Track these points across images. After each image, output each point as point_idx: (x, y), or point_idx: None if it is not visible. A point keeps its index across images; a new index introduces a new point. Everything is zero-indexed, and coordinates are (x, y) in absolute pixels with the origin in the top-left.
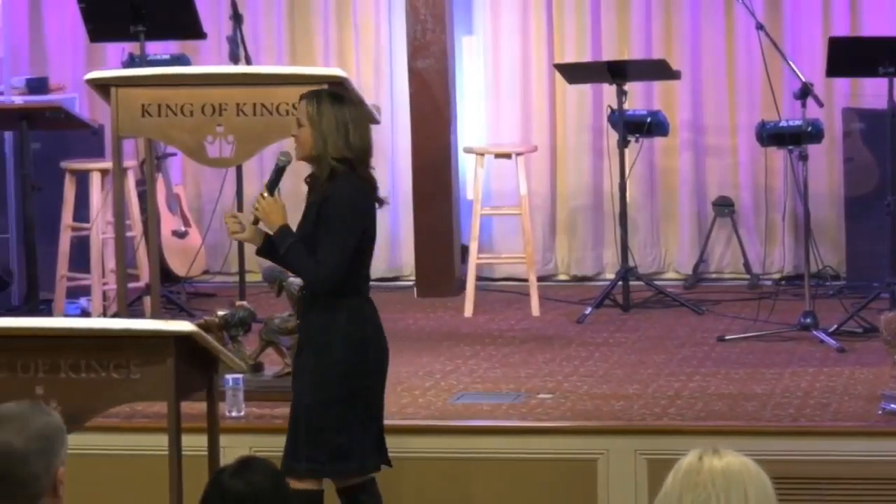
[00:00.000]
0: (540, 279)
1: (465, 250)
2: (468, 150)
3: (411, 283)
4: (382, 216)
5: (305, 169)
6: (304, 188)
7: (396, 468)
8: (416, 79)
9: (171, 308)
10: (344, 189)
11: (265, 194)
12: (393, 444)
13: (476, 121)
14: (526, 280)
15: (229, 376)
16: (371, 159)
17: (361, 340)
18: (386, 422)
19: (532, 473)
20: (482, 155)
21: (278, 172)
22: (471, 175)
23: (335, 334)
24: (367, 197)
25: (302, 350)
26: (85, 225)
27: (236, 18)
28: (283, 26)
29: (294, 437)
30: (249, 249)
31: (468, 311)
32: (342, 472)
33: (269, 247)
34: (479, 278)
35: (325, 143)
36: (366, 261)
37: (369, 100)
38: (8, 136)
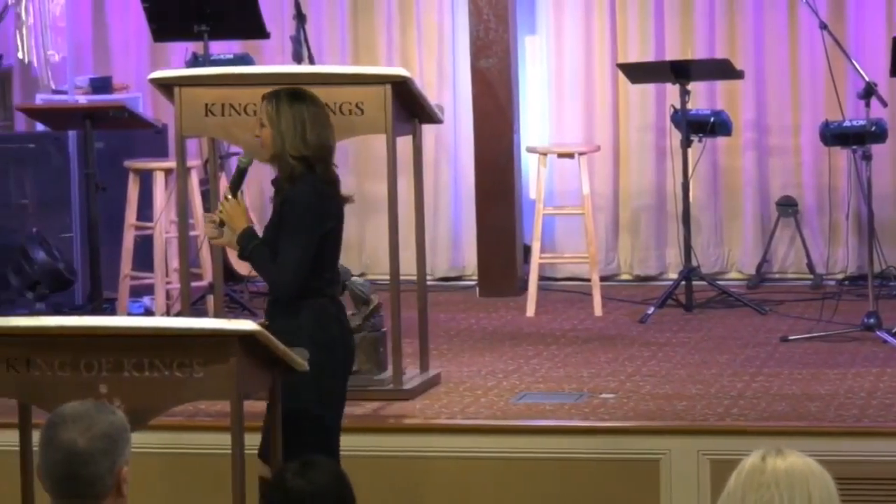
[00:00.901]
0: (602, 279)
1: (527, 250)
2: (531, 150)
3: (473, 282)
4: (445, 216)
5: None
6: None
7: (460, 468)
8: (479, 78)
9: (234, 307)
10: (302, 191)
11: (229, 197)
12: (456, 444)
13: (539, 120)
14: (588, 280)
15: None
16: (333, 158)
17: (328, 340)
18: (448, 421)
19: (594, 473)
20: (545, 154)
21: (240, 174)
22: (533, 175)
23: (300, 336)
24: (326, 198)
25: None
26: (148, 224)
27: (300, 18)
28: (346, 26)
29: (268, 440)
30: None
31: (530, 310)
32: None
33: None
34: (541, 278)
35: (283, 142)
36: (330, 261)
37: (432, 99)
38: (72, 135)
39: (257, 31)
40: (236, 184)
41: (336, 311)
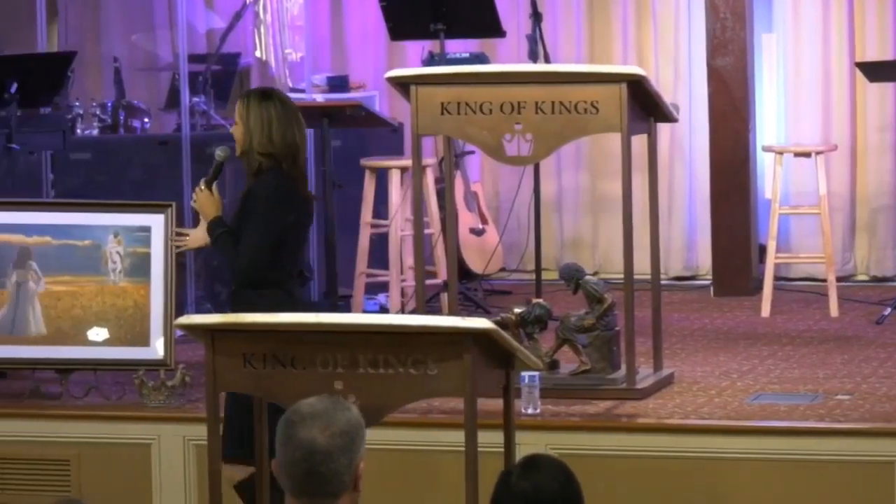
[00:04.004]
0: (839, 279)
1: (762, 250)
2: (767, 149)
3: (708, 282)
4: (679, 215)
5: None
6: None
7: (693, 468)
8: (715, 77)
9: (468, 305)
10: (265, 184)
11: (202, 188)
12: (689, 443)
13: (775, 119)
14: (824, 280)
15: (525, 373)
16: (302, 156)
17: None
18: (682, 421)
19: (829, 475)
20: (781, 154)
21: (217, 167)
22: (769, 174)
23: None
24: (288, 193)
25: None
26: (384, 222)
27: (536, 17)
28: (581, 24)
29: (227, 427)
30: (546, 248)
31: (765, 310)
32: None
33: None
34: (776, 278)
35: (250, 139)
36: (291, 254)
37: (668, 98)
38: (309, 133)
39: (493, 29)
40: (213, 176)
41: (292, 306)
